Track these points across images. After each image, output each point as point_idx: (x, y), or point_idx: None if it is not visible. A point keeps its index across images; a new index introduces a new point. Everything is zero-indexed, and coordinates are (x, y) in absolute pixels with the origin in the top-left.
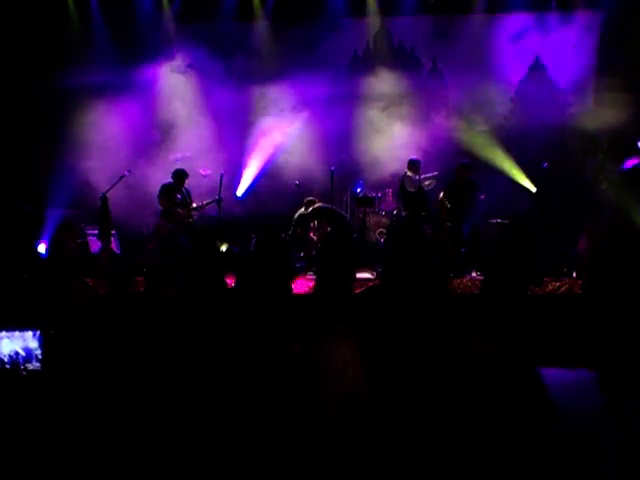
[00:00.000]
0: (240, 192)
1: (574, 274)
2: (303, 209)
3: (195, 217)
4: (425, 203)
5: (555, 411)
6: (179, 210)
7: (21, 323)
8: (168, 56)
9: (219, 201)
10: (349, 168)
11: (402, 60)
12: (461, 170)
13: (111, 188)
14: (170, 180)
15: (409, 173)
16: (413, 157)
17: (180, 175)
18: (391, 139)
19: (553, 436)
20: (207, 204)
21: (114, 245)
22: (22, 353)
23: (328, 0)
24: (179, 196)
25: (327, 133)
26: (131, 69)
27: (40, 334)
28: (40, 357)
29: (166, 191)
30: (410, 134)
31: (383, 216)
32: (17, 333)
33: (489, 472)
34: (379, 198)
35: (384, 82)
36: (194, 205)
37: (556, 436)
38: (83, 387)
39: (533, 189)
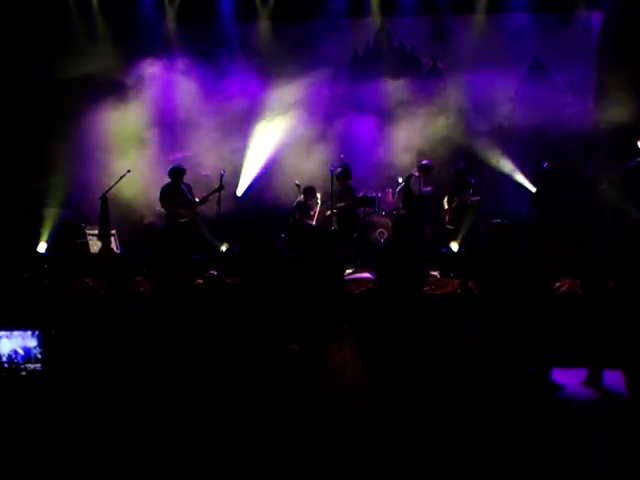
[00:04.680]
0: (240, 192)
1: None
2: (302, 197)
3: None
4: (424, 205)
5: (554, 409)
6: (181, 211)
7: (21, 323)
8: (168, 56)
9: (220, 189)
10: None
11: (402, 60)
12: (455, 175)
13: (111, 188)
14: (168, 180)
15: (417, 174)
16: (425, 161)
17: (177, 172)
18: (391, 139)
19: (551, 434)
20: (210, 195)
21: (114, 245)
22: (21, 352)
23: (328, 0)
24: (180, 195)
25: (327, 133)
26: (131, 68)
27: (40, 334)
28: (40, 357)
29: (165, 193)
30: (410, 134)
31: (383, 216)
32: (17, 333)
33: (489, 470)
34: (379, 198)
35: (384, 82)
36: (197, 199)
37: (554, 434)
38: (83, 387)
39: (533, 189)
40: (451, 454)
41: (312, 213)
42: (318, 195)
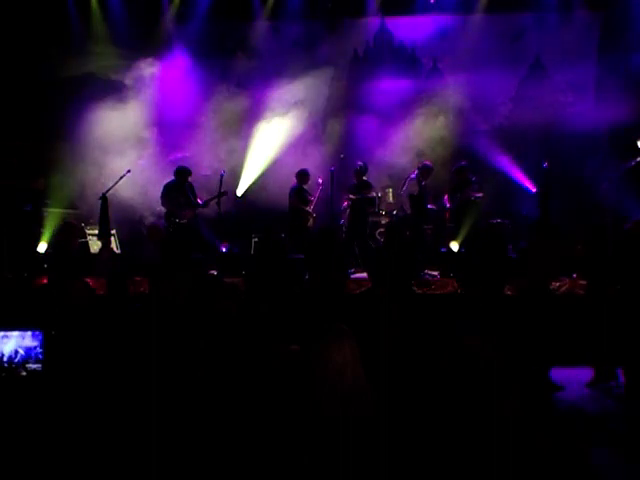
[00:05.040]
0: (240, 192)
1: (574, 274)
2: (297, 181)
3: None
4: (424, 205)
5: (554, 409)
6: (183, 211)
7: (21, 323)
8: (168, 56)
9: (224, 194)
10: (349, 168)
11: (402, 60)
12: (458, 173)
13: (111, 188)
14: (172, 178)
15: (413, 176)
16: (426, 162)
17: (183, 172)
18: (391, 139)
19: (551, 434)
20: (212, 199)
21: (114, 245)
22: (22, 353)
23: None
24: (183, 195)
25: (327, 133)
26: (131, 68)
27: (40, 334)
28: (40, 357)
29: (168, 191)
30: (410, 134)
31: (383, 216)
32: (17, 333)
33: (489, 470)
34: (379, 198)
35: (384, 82)
36: (199, 202)
37: (554, 434)
38: (83, 387)
39: (533, 189)
40: (451, 454)
41: (311, 198)
42: (320, 180)
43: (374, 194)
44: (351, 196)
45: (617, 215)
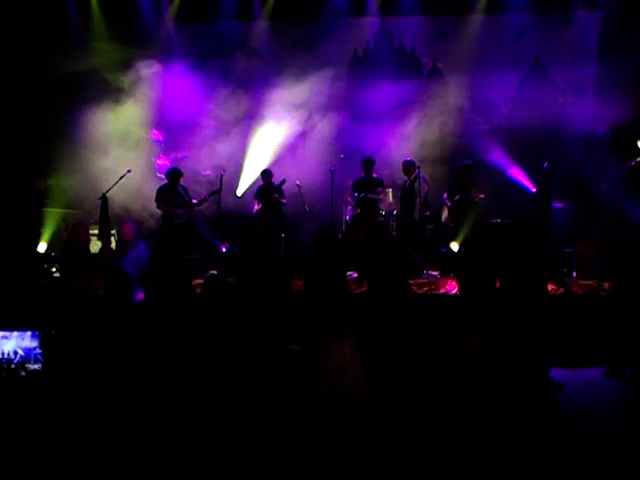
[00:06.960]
0: (240, 192)
1: (574, 274)
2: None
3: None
4: (425, 204)
5: (554, 408)
6: (178, 211)
7: (21, 323)
8: (168, 55)
9: (217, 192)
10: (349, 168)
11: (402, 60)
12: (462, 170)
13: (111, 188)
14: (165, 181)
15: (403, 176)
16: (406, 158)
17: (174, 174)
18: (390, 139)
19: (551, 434)
20: (207, 197)
21: (114, 245)
22: (21, 353)
23: (328, 0)
24: (177, 196)
25: (327, 133)
26: (131, 68)
27: (40, 334)
28: (39, 357)
29: (162, 193)
30: (410, 134)
31: (383, 216)
32: (16, 333)
33: (489, 470)
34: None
35: (384, 82)
36: (194, 201)
37: (554, 434)
38: (83, 387)
39: (533, 189)
40: (451, 454)
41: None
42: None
43: (389, 193)
44: (370, 195)
45: (617, 215)
